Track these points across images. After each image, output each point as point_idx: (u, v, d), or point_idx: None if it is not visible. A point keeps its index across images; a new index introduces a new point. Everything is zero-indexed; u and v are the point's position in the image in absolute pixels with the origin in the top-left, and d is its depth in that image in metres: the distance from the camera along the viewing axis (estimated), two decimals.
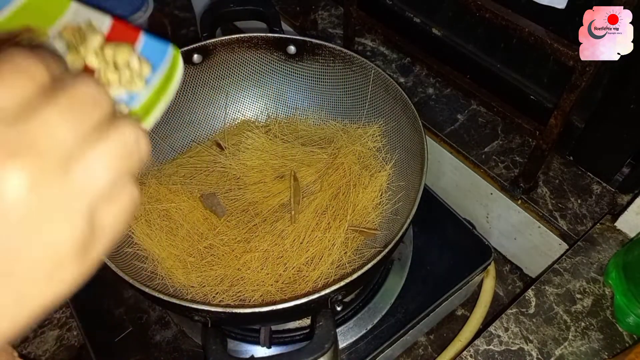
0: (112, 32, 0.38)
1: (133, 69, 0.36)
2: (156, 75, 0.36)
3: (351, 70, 0.60)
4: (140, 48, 0.37)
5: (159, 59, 0.37)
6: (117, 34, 0.38)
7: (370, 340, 0.53)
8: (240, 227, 0.55)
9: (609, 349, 0.48)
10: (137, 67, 0.35)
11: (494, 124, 0.68)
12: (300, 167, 0.59)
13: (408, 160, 0.56)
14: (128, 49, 0.36)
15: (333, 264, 0.52)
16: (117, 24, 0.38)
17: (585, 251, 0.55)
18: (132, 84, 0.35)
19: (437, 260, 0.59)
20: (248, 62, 0.63)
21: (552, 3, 0.53)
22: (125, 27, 0.38)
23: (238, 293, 0.50)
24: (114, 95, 0.34)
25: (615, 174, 0.61)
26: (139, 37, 0.38)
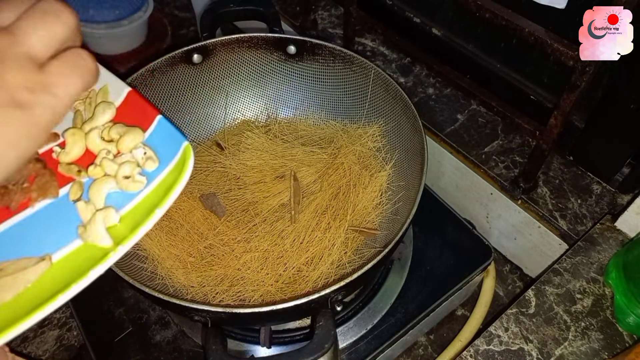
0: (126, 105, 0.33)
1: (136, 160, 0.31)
2: (161, 172, 0.30)
3: (351, 70, 0.60)
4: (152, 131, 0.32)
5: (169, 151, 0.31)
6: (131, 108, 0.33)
7: (370, 340, 0.53)
8: (240, 227, 0.55)
9: (609, 349, 0.48)
10: (142, 160, 0.31)
11: (494, 124, 0.68)
12: (300, 167, 0.59)
13: (408, 160, 0.56)
14: (136, 136, 0.31)
15: (333, 264, 0.52)
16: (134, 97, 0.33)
17: (585, 251, 0.55)
18: (130, 183, 0.30)
19: (437, 260, 0.59)
20: (248, 62, 0.63)
21: (552, 3, 0.53)
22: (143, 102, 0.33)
23: (238, 293, 0.50)
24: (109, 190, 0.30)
25: (615, 174, 0.61)
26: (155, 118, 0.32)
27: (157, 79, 0.58)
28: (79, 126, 0.32)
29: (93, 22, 0.74)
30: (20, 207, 0.29)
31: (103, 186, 0.30)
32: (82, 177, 0.31)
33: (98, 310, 0.56)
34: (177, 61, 0.58)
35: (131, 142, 0.31)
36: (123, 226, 0.29)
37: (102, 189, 0.30)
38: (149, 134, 0.32)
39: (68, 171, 0.31)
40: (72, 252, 0.28)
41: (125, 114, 0.33)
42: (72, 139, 0.32)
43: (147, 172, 0.31)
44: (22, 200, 0.29)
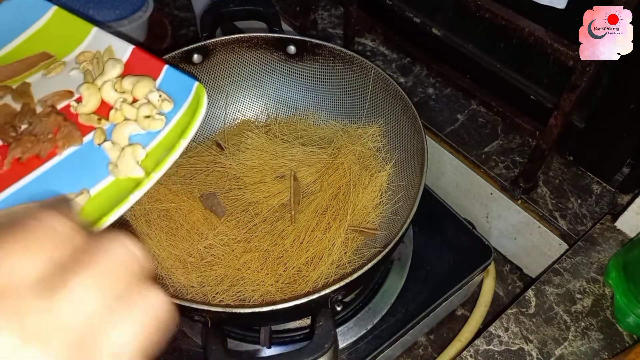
0: (133, 61, 0.36)
1: (152, 103, 0.33)
2: (178, 112, 0.33)
3: (351, 70, 0.60)
4: (162, 80, 0.35)
5: (182, 94, 0.33)
6: (138, 63, 0.36)
7: (370, 340, 0.53)
8: (240, 227, 0.55)
9: (609, 349, 0.48)
10: (157, 102, 0.33)
11: (494, 124, 0.68)
12: (300, 167, 0.59)
13: (408, 160, 0.56)
14: (148, 83, 0.34)
15: (333, 264, 0.52)
16: (139, 53, 0.36)
17: (585, 251, 0.55)
18: (151, 121, 0.32)
19: (437, 260, 0.59)
20: (248, 62, 0.63)
21: (552, 3, 0.53)
22: (148, 56, 0.36)
23: (238, 293, 0.50)
24: (131, 133, 0.33)
25: (615, 174, 0.61)
26: (162, 68, 0.35)
27: None
28: (91, 82, 0.35)
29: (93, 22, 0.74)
30: (49, 156, 0.32)
31: (125, 128, 0.33)
32: (103, 124, 0.34)
33: None
34: (177, 61, 0.58)
35: (145, 88, 0.34)
36: (149, 161, 0.31)
37: (125, 131, 0.33)
38: (160, 82, 0.35)
39: (88, 120, 0.34)
40: (107, 186, 0.30)
41: (134, 68, 0.36)
42: (87, 92, 0.34)
43: (165, 113, 0.33)
44: (49, 150, 0.32)
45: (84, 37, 0.38)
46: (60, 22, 0.37)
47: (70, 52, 0.37)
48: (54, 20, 0.37)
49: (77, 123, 0.33)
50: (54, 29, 0.37)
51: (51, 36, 0.37)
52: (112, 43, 0.37)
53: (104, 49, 0.37)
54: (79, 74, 0.36)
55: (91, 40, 0.37)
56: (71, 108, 0.34)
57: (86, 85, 0.35)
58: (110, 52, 0.37)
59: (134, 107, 0.33)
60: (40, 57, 0.37)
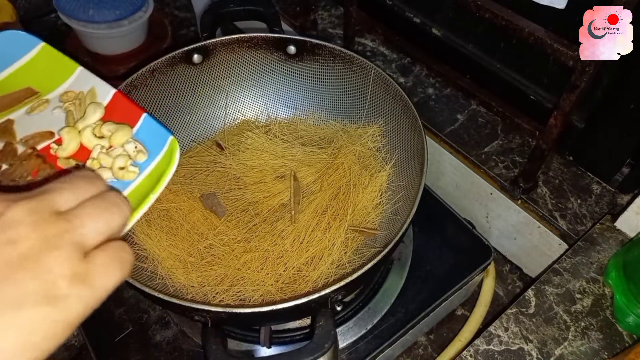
0: (113, 104, 0.37)
1: (127, 153, 0.34)
2: (151, 163, 0.34)
3: (351, 70, 0.60)
4: (139, 128, 0.36)
5: (157, 145, 0.35)
6: (118, 107, 0.37)
7: (370, 340, 0.53)
8: (240, 227, 0.55)
9: (609, 349, 0.48)
10: (133, 153, 0.34)
11: (494, 124, 0.68)
12: (300, 167, 0.59)
13: (408, 160, 0.56)
14: (126, 132, 0.35)
15: (333, 264, 0.52)
16: (120, 97, 0.37)
17: (585, 251, 0.55)
18: (125, 173, 0.33)
19: (437, 260, 0.59)
20: (248, 62, 0.63)
21: (552, 3, 0.53)
22: (128, 102, 0.37)
23: (238, 293, 0.50)
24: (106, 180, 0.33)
25: (615, 174, 0.61)
26: (141, 116, 0.36)
27: (157, 79, 0.58)
28: (72, 125, 0.36)
29: (93, 22, 0.74)
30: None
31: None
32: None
33: (98, 310, 0.56)
34: (177, 61, 0.58)
35: (122, 137, 0.35)
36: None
37: None
38: (136, 130, 0.36)
39: (67, 164, 0.34)
40: None
41: (113, 113, 0.37)
42: (68, 136, 0.35)
43: (138, 164, 0.34)
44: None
45: (69, 76, 0.38)
46: (46, 58, 0.38)
47: (54, 89, 0.38)
48: (41, 56, 0.38)
49: (56, 166, 0.34)
50: (40, 64, 0.38)
51: (37, 72, 0.38)
52: (95, 84, 0.37)
53: (87, 90, 0.37)
54: (61, 113, 0.37)
55: (75, 79, 0.38)
56: (51, 150, 0.35)
57: (67, 129, 0.35)
58: (93, 94, 0.37)
59: (110, 156, 0.34)
60: (25, 92, 0.37)
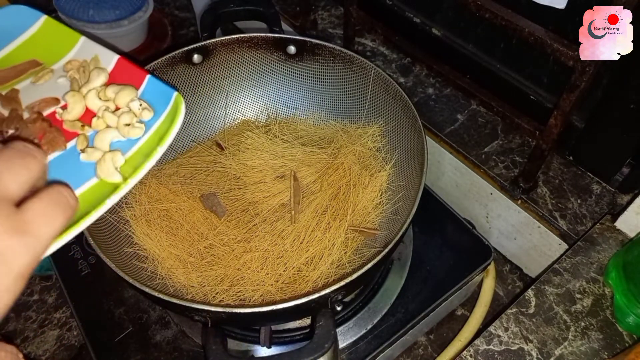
0: (117, 70, 0.38)
1: (133, 111, 0.35)
2: (157, 120, 0.35)
3: (351, 70, 0.60)
4: (144, 89, 0.37)
5: (162, 104, 0.35)
6: (123, 72, 0.38)
7: (370, 340, 0.53)
8: (240, 227, 0.55)
9: (609, 349, 0.48)
10: (138, 111, 0.35)
11: (494, 124, 0.68)
12: (300, 167, 0.59)
13: (408, 160, 0.56)
14: (130, 92, 0.36)
15: (333, 264, 0.52)
16: (124, 62, 0.38)
17: (585, 251, 0.55)
18: (131, 129, 0.34)
19: (437, 260, 0.59)
20: (248, 62, 0.63)
21: (552, 3, 0.53)
22: (132, 66, 0.38)
23: (238, 293, 0.50)
24: (112, 139, 0.34)
25: (615, 174, 0.61)
26: (145, 77, 0.37)
27: None
28: (77, 90, 0.37)
29: (93, 22, 0.74)
30: None
31: (106, 135, 0.34)
32: (86, 130, 0.35)
33: (98, 310, 0.56)
34: (177, 61, 0.58)
35: (127, 96, 0.35)
36: (128, 166, 0.33)
37: (106, 137, 0.34)
38: (142, 91, 0.37)
39: (72, 127, 0.35)
40: (87, 189, 0.31)
41: (118, 78, 0.38)
42: (72, 100, 0.36)
43: (144, 121, 0.35)
44: None
45: (72, 46, 0.39)
46: (49, 31, 0.39)
47: (59, 60, 0.39)
48: (44, 29, 0.39)
49: (62, 129, 0.35)
50: (44, 37, 0.39)
51: (41, 44, 0.39)
52: (99, 52, 0.38)
53: (90, 58, 0.38)
54: (66, 81, 0.38)
55: (79, 49, 0.39)
56: (57, 115, 0.36)
57: (72, 93, 0.36)
58: (97, 61, 0.38)
59: (116, 115, 0.35)
60: (29, 64, 0.38)
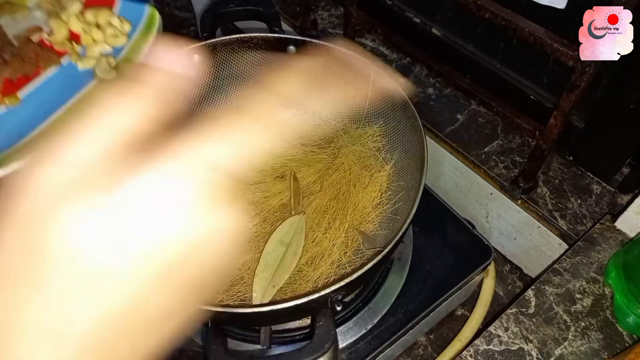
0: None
1: (115, 26, 0.40)
2: (137, 29, 0.40)
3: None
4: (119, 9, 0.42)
5: (138, 17, 0.41)
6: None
7: (370, 340, 0.53)
8: None
9: (609, 349, 0.48)
10: (119, 24, 0.40)
11: (494, 124, 0.68)
12: (300, 167, 0.59)
13: (408, 160, 0.56)
14: (107, 11, 0.41)
15: (333, 264, 0.52)
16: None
17: (585, 251, 0.55)
18: (116, 38, 0.39)
19: (437, 260, 0.59)
20: (248, 62, 0.63)
21: (552, 3, 0.53)
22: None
23: (238, 293, 0.50)
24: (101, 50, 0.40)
25: (615, 174, 0.61)
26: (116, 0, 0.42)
27: None
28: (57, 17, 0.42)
29: None
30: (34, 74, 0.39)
31: (96, 47, 0.40)
32: (76, 48, 0.41)
33: None
34: None
35: (106, 15, 0.40)
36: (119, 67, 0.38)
37: (96, 49, 0.40)
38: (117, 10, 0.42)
39: (63, 46, 0.40)
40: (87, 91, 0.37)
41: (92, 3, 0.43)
42: (56, 24, 0.40)
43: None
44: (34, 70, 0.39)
45: None
46: None
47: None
48: None
49: (54, 50, 0.40)
50: None
51: None
52: None
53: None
54: (42, 15, 0.42)
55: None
56: (44, 40, 0.41)
57: (53, 19, 0.41)
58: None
59: (99, 32, 0.40)
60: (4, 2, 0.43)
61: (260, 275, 0.50)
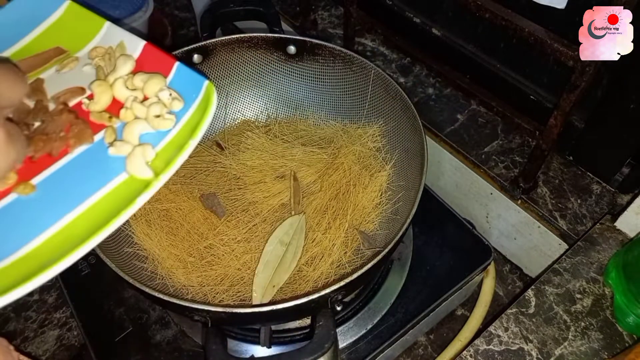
0: (144, 57, 0.36)
1: (163, 102, 0.32)
2: (188, 110, 0.32)
3: (351, 70, 0.60)
4: (173, 77, 0.34)
5: (192, 93, 0.33)
6: (150, 59, 0.35)
7: (370, 340, 0.53)
8: (240, 227, 0.55)
9: (609, 349, 0.48)
10: (168, 101, 0.32)
11: (494, 124, 0.68)
12: (300, 167, 0.59)
13: (408, 160, 0.56)
14: (159, 81, 0.33)
15: (333, 264, 0.52)
16: (151, 49, 0.36)
17: (585, 251, 0.55)
18: (161, 121, 0.32)
19: (437, 260, 0.59)
20: (248, 62, 0.63)
21: (552, 3, 0.53)
22: (159, 53, 0.35)
23: (238, 293, 0.50)
24: (141, 132, 0.32)
25: (615, 174, 0.61)
26: (173, 65, 0.34)
27: None
28: (103, 79, 0.34)
29: None
30: (61, 154, 0.32)
31: (135, 127, 0.32)
32: (114, 122, 0.33)
33: (98, 310, 0.56)
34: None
35: (156, 86, 0.33)
36: (159, 161, 0.30)
37: (135, 130, 0.32)
38: (171, 79, 0.34)
39: (99, 119, 0.33)
40: (117, 186, 0.30)
41: (145, 65, 0.35)
42: (99, 89, 0.34)
43: (175, 112, 0.33)
44: (61, 148, 0.32)
45: (97, 32, 0.37)
46: (73, 16, 0.37)
47: (83, 47, 0.37)
48: (68, 14, 0.37)
49: (89, 121, 0.33)
50: (68, 23, 0.37)
51: (64, 31, 0.37)
52: (124, 38, 0.36)
53: (116, 45, 0.36)
54: (91, 69, 0.36)
55: (104, 36, 0.37)
56: (83, 105, 0.34)
57: (98, 82, 0.34)
58: (122, 48, 0.36)
59: (145, 105, 0.33)
60: (54, 52, 0.37)
61: (260, 275, 0.50)
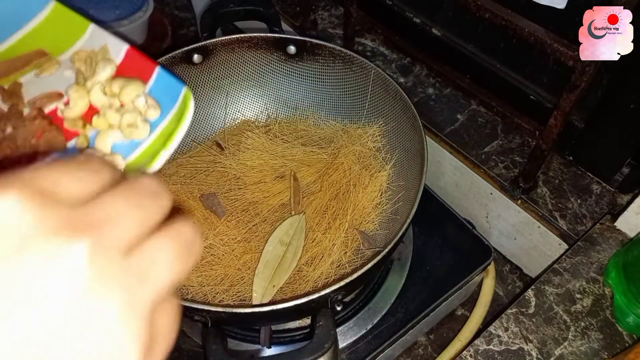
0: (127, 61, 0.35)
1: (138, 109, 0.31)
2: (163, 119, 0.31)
3: (351, 70, 0.60)
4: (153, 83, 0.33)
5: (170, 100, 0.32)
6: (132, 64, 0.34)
7: (370, 340, 0.53)
8: (240, 227, 0.55)
9: (609, 349, 0.48)
10: (143, 109, 0.31)
11: (494, 124, 0.68)
12: (300, 167, 0.59)
13: (408, 160, 0.56)
14: (137, 87, 0.32)
15: (333, 264, 0.52)
16: (133, 53, 0.35)
17: (585, 251, 0.55)
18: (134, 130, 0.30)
19: (437, 260, 0.59)
20: (248, 62, 0.63)
21: (552, 3, 0.53)
22: (141, 57, 0.34)
23: (238, 293, 0.50)
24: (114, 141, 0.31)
25: (615, 174, 0.61)
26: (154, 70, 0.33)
27: None
28: (82, 84, 0.33)
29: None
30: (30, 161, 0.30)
31: (108, 136, 0.31)
32: (87, 130, 0.32)
33: None
34: (177, 61, 0.58)
35: (132, 92, 0.32)
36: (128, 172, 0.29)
37: (107, 139, 0.31)
38: (151, 85, 0.33)
39: (73, 126, 0.32)
40: None
41: (126, 70, 0.34)
42: (75, 95, 0.33)
43: (150, 121, 0.31)
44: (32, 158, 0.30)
45: (81, 35, 0.36)
46: (58, 18, 0.36)
47: (67, 50, 0.36)
48: (53, 16, 0.36)
49: (63, 128, 0.32)
50: (52, 25, 0.36)
51: (49, 32, 0.36)
52: (108, 41, 0.35)
53: (99, 48, 0.35)
54: (72, 74, 0.35)
55: (88, 38, 0.36)
56: (58, 111, 0.32)
57: (75, 87, 0.33)
58: (105, 52, 0.35)
59: (119, 113, 0.31)
60: (35, 54, 0.35)
61: (260, 275, 0.50)
